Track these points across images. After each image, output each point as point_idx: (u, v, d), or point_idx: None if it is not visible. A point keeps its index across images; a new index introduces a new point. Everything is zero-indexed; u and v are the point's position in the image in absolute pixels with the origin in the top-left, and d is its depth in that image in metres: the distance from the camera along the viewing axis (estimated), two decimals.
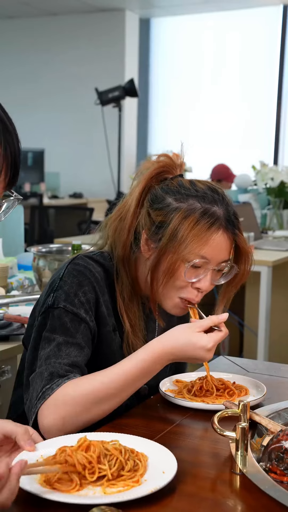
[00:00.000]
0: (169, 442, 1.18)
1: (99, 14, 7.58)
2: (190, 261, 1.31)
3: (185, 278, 1.32)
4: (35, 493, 0.93)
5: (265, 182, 4.99)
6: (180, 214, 1.31)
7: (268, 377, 1.56)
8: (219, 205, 1.33)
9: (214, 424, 1.09)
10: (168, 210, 1.32)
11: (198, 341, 1.23)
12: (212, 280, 1.35)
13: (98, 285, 1.35)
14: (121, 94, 6.38)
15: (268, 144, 7.46)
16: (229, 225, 1.33)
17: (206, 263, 1.32)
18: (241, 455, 1.03)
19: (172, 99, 7.99)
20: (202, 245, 1.30)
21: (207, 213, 1.31)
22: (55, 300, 1.31)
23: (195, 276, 1.33)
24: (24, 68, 8.04)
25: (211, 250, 1.31)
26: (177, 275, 1.32)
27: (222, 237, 1.32)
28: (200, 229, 1.30)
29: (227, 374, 1.49)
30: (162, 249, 1.32)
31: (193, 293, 1.35)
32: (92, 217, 5.45)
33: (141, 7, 7.46)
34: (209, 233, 1.30)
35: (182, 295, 1.35)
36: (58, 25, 7.84)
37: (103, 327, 1.35)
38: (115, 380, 1.22)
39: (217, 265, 1.34)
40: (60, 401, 1.19)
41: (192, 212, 1.31)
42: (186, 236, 1.29)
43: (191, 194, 1.33)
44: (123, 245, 1.38)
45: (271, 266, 3.66)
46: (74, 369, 1.25)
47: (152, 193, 1.37)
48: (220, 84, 7.69)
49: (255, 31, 7.46)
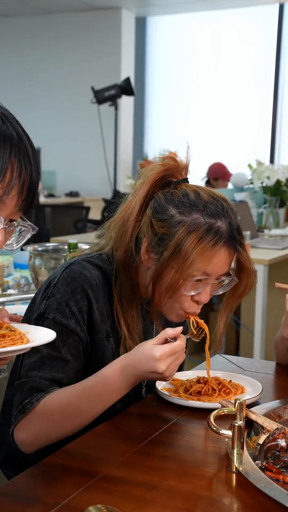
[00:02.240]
0: (166, 441, 1.18)
1: (95, 13, 7.58)
2: (192, 277, 1.30)
3: (185, 292, 1.32)
4: None
5: (261, 180, 5.00)
6: (184, 229, 1.28)
7: (264, 376, 1.56)
8: (223, 219, 1.31)
9: (210, 423, 1.10)
10: (172, 222, 1.30)
11: (149, 351, 1.21)
12: (211, 291, 1.35)
13: (92, 291, 1.34)
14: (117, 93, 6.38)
15: (264, 142, 7.46)
16: (232, 241, 1.32)
17: (207, 278, 1.32)
18: (237, 454, 1.04)
19: (169, 97, 7.99)
20: (206, 263, 1.29)
21: (211, 229, 1.29)
22: (46, 308, 1.32)
23: (194, 289, 1.32)
24: (20, 67, 8.03)
25: (213, 266, 1.30)
26: (179, 289, 1.31)
27: (225, 253, 1.31)
28: (204, 246, 1.28)
29: (223, 373, 1.49)
30: (164, 263, 1.30)
31: (193, 306, 1.35)
32: (88, 216, 5.45)
33: (137, 5, 7.45)
34: (214, 251, 1.29)
35: (183, 308, 1.35)
36: (54, 23, 7.83)
37: (95, 335, 1.35)
38: (81, 396, 1.24)
39: (217, 279, 1.34)
40: (33, 418, 1.24)
41: (196, 228, 1.29)
42: (190, 253, 1.28)
43: (195, 208, 1.31)
44: (125, 250, 1.36)
45: (267, 265, 3.66)
46: (53, 385, 1.27)
47: (155, 201, 1.34)
48: (216, 83, 7.69)
49: (251, 29, 7.46)
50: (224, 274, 1.34)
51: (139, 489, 0.99)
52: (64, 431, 1.25)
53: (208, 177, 5.80)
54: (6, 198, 0.95)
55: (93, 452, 1.13)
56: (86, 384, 1.25)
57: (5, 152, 0.93)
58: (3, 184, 0.93)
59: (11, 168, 0.94)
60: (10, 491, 1.00)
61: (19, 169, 0.95)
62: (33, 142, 0.99)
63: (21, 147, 0.96)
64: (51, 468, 1.07)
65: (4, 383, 1.81)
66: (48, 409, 1.24)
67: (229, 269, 1.35)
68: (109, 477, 1.03)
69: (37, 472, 1.07)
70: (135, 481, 1.02)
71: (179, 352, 1.22)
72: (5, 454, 1.46)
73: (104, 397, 1.24)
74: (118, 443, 1.18)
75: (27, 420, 1.25)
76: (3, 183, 0.94)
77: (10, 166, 0.94)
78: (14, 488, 1.02)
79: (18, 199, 0.96)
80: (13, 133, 0.96)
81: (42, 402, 1.24)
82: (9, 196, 0.95)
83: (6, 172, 0.94)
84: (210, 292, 1.34)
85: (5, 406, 1.49)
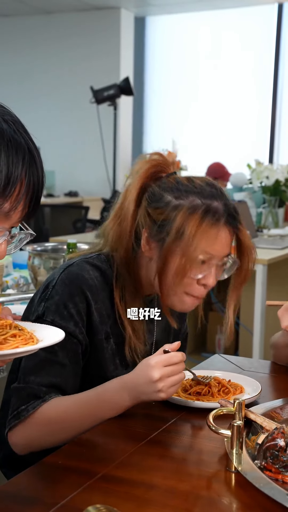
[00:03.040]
0: (165, 440, 1.18)
1: (94, 13, 7.57)
2: (198, 259, 1.30)
3: (191, 276, 1.31)
4: None
5: (260, 180, 5.00)
6: (183, 212, 1.29)
7: (263, 375, 1.57)
8: (219, 200, 1.32)
9: (209, 422, 1.10)
10: (169, 208, 1.31)
11: (146, 360, 1.21)
12: (216, 275, 1.34)
13: (91, 292, 1.33)
14: (117, 93, 6.37)
15: (263, 142, 7.46)
16: (231, 219, 1.33)
17: (211, 259, 1.31)
18: (236, 453, 1.04)
19: (168, 97, 7.98)
20: (209, 243, 1.29)
21: (209, 210, 1.30)
22: (45, 311, 1.32)
23: (200, 272, 1.32)
24: (19, 67, 8.02)
25: (216, 246, 1.31)
26: (186, 273, 1.31)
27: (225, 232, 1.32)
28: (206, 226, 1.29)
29: (222, 372, 1.49)
30: (168, 249, 1.30)
31: (199, 290, 1.34)
32: (87, 216, 5.45)
33: (136, 5, 7.45)
34: (215, 229, 1.30)
35: (189, 292, 1.34)
36: (53, 23, 7.82)
37: (94, 336, 1.35)
38: (78, 409, 1.25)
39: (220, 260, 1.34)
40: (28, 425, 1.25)
41: (196, 209, 1.29)
42: (194, 235, 1.28)
43: (190, 191, 1.32)
44: (126, 249, 1.36)
45: (266, 265, 3.66)
46: (51, 390, 1.27)
47: (149, 192, 1.35)
48: (215, 83, 7.69)
49: (250, 29, 7.46)
50: (226, 255, 1.34)
51: (139, 489, 0.99)
52: (58, 440, 1.25)
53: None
54: (13, 213, 0.93)
55: (93, 452, 1.14)
56: (86, 396, 1.26)
57: (18, 164, 0.90)
58: (12, 199, 0.91)
59: (20, 182, 0.91)
60: (9, 491, 1.00)
61: (28, 184, 0.92)
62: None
63: (31, 160, 0.93)
64: (51, 468, 1.07)
65: (3, 383, 1.81)
66: (45, 418, 1.25)
67: (230, 250, 1.35)
68: (109, 477, 1.03)
69: (37, 472, 1.07)
70: (134, 481, 1.02)
71: (177, 365, 1.20)
72: (4, 453, 1.46)
73: (102, 411, 1.24)
74: (118, 443, 1.18)
75: (22, 426, 1.26)
76: (11, 198, 0.91)
77: (20, 181, 0.91)
78: (14, 488, 1.02)
79: (22, 212, 0.95)
80: (24, 142, 0.93)
81: (39, 411, 1.24)
82: (16, 211, 0.93)
83: (17, 185, 0.91)
84: (216, 277, 1.34)
85: (4, 406, 1.49)
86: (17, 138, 0.91)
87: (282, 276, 4.34)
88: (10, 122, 0.91)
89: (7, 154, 0.89)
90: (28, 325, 1.02)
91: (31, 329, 1.00)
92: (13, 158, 0.90)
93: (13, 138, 0.90)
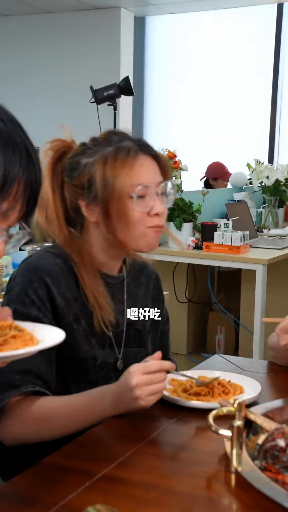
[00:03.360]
0: (165, 440, 1.18)
1: (94, 12, 7.57)
2: (131, 194, 1.34)
3: (138, 210, 1.35)
4: None
5: (260, 180, 4.99)
6: (98, 163, 1.36)
7: (263, 376, 1.57)
8: (126, 140, 1.39)
9: (209, 423, 1.10)
10: (87, 167, 1.38)
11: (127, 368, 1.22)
12: (162, 203, 1.39)
13: (50, 278, 1.36)
14: (116, 92, 6.37)
15: (263, 142, 7.46)
16: (144, 148, 1.39)
17: (147, 189, 1.36)
18: (236, 454, 1.04)
19: (168, 97, 7.98)
20: (132, 174, 1.35)
21: (119, 148, 1.36)
22: (8, 302, 1.36)
23: (145, 206, 1.36)
24: (19, 66, 8.02)
25: (142, 175, 1.36)
26: (131, 213, 1.35)
27: (144, 159, 1.37)
28: (121, 162, 1.35)
29: (222, 373, 1.49)
30: (103, 201, 1.35)
31: (154, 221, 1.38)
32: None
33: (136, 5, 7.45)
34: (131, 161, 1.35)
35: (146, 226, 1.38)
36: (53, 22, 7.82)
37: (61, 320, 1.36)
38: (66, 410, 1.26)
39: (157, 187, 1.38)
40: (12, 419, 1.26)
41: (107, 155, 1.36)
42: (115, 176, 1.34)
43: (98, 145, 1.40)
44: (60, 230, 1.40)
45: (266, 265, 3.66)
46: (25, 376, 1.28)
47: (65, 168, 1.42)
48: (215, 82, 7.69)
49: (250, 29, 7.46)
50: (160, 182, 1.39)
51: (138, 489, 0.99)
52: (44, 437, 1.28)
53: (207, 176, 5.80)
54: (11, 213, 0.92)
55: (92, 452, 1.14)
56: (74, 397, 1.28)
57: (15, 164, 0.89)
58: (9, 199, 0.90)
59: (18, 182, 0.90)
60: (9, 491, 1.00)
61: (26, 183, 0.91)
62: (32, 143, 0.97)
63: (29, 159, 0.92)
64: (50, 468, 1.07)
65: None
66: (34, 416, 1.26)
67: (161, 177, 1.40)
68: (108, 477, 1.03)
69: (37, 472, 1.07)
70: (134, 481, 1.02)
71: (156, 374, 1.20)
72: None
73: (88, 414, 1.25)
74: (118, 443, 1.18)
75: (7, 420, 1.27)
76: (9, 198, 0.89)
77: (18, 180, 0.90)
78: (14, 488, 1.02)
79: (20, 212, 0.94)
80: (20, 141, 0.91)
81: (30, 409, 1.26)
82: (14, 210, 0.92)
83: (14, 185, 0.89)
84: (161, 203, 1.38)
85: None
86: (13, 137, 0.90)
87: (282, 276, 4.34)
88: (6, 121, 0.90)
89: (4, 153, 0.88)
90: (28, 326, 1.02)
91: (31, 329, 1.00)
92: (10, 157, 0.89)
93: (9, 137, 0.89)
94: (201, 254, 3.84)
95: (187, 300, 4.45)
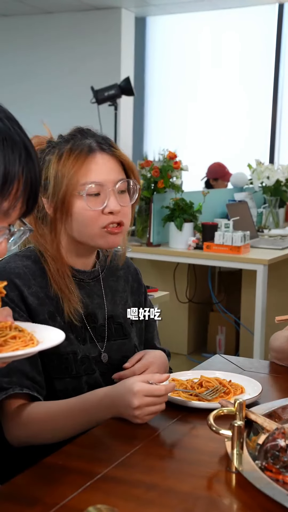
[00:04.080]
0: (165, 440, 1.18)
1: (95, 13, 7.57)
2: (81, 192, 1.34)
3: (91, 208, 1.35)
4: None
5: (261, 180, 4.99)
6: (53, 161, 1.36)
7: (263, 376, 1.56)
8: (87, 138, 1.39)
9: (210, 423, 1.09)
10: (46, 164, 1.38)
11: (130, 384, 1.23)
12: (121, 202, 1.38)
13: (20, 279, 1.36)
14: (117, 93, 6.37)
15: (264, 142, 7.46)
16: (103, 145, 1.38)
17: (101, 187, 1.35)
18: (236, 454, 1.04)
19: (168, 97, 7.98)
20: (82, 172, 1.34)
21: (74, 147, 1.36)
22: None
23: (98, 204, 1.36)
24: (19, 67, 8.02)
25: (96, 173, 1.35)
26: (82, 211, 1.35)
27: (101, 158, 1.37)
28: (73, 160, 1.35)
29: (223, 373, 1.49)
30: (54, 198, 1.35)
31: (109, 218, 1.37)
32: None
33: (136, 5, 7.45)
34: (83, 158, 1.35)
35: (102, 225, 1.37)
36: (53, 23, 7.82)
37: (35, 318, 1.36)
38: (63, 413, 1.27)
39: (115, 185, 1.37)
40: (18, 421, 1.28)
41: (61, 152, 1.36)
42: (65, 173, 1.34)
43: (59, 142, 1.39)
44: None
45: (266, 265, 3.66)
46: (12, 377, 1.29)
47: None
48: (216, 83, 7.69)
49: (251, 29, 7.46)
50: (119, 180, 1.38)
51: (139, 489, 0.99)
52: (44, 441, 1.29)
53: (208, 177, 5.80)
54: (12, 212, 0.92)
55: (93, 452, 1.13)
56: (69, 401, 1.29)
57: (15, 162, 0.89)
58: (10, 198, 0.89)
59: (18, 180, 0.90)
60: (9, 491, 1.00)
61: (26, 181, 0.91)
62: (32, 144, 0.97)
63: (28, 157, 0.91)
64: (51, 468, 1.07)
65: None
66: (30, 418, 1.27)
67: (123, 176, 1.40)
68: (109, 477, 1.03)
69: (37, 472, 1.07)
70: (134, 481, 1.02)
71: (159, 398, 1.21)
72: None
73: (83, 418, 1.26)
74: (118, 443, 1.18)
75: (8, 422, 1.29)
76: (10, 197, 0.89)
77: (18, 179, 0.90)
78: (14, 488, 1.02)
79: (21, 210, 0.94)
80: (19, 139, 0.91)
81: (26, 411, 1.27)
82: (15, 209, 0.92)
83: (14, 183, 0.89)
84: (119, 203, 1.37)
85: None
86: (12, 135, 0.90)
87: (283, 277, 4.34)
88: (4, 120, 0.90)
89: (3, 152, 0.88)
90: (29, 326, 1.02)
91: (31, 330, 1.00)
92: (10, 156, 0.89)
93: (8, 135, 0.89)
94: (202, 254, 3.84)
95: (187, 300, 4.45)
